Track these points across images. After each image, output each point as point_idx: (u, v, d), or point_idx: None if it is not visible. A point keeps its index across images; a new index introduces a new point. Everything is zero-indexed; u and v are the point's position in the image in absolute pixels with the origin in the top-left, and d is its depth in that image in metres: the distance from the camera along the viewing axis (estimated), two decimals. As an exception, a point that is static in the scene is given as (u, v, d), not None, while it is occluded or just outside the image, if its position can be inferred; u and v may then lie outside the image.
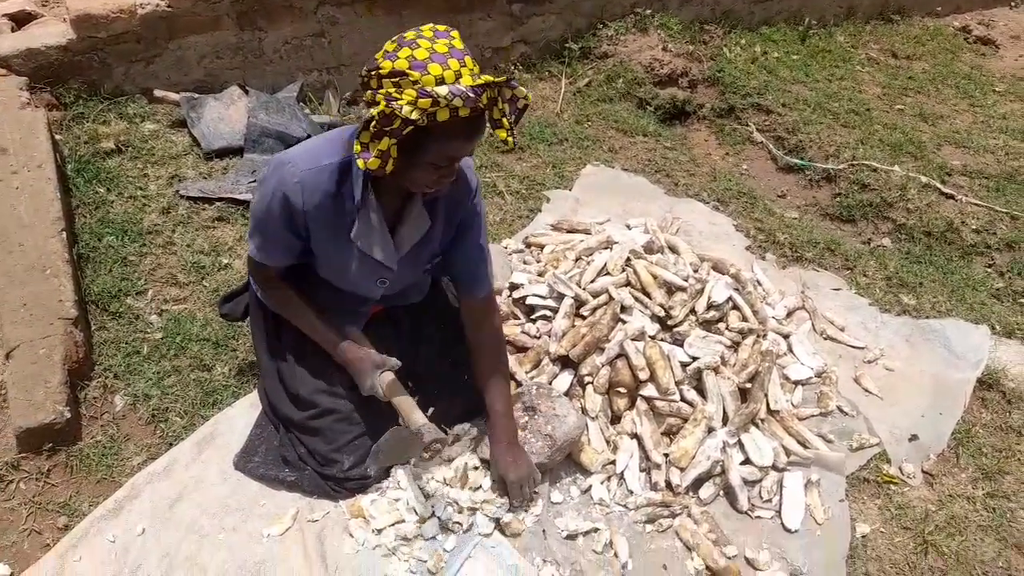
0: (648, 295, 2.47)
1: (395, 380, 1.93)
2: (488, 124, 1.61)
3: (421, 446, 1.86)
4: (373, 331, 2.07)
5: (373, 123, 1.55)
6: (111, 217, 2.78)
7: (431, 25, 1.58)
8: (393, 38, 1.59)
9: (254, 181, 3.05)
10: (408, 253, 1.91)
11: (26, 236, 2.40)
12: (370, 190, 1.77)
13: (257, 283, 2.03)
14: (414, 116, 1.50)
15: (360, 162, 1.60)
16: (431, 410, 2.03)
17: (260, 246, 1.88)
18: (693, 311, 2.47)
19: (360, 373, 1.93)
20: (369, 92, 1.58)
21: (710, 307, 2.48)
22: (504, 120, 1.59)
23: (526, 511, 2.01)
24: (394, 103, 1.50)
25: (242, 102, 3.37)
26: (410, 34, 1.56)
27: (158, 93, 3.36)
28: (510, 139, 1.60)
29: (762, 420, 2.29)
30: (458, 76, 1.53)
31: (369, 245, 1.83)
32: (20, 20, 3.47)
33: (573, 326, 2.39)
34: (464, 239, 1.97)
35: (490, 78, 1.54)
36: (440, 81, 1.51)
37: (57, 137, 2.99)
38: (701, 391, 2.30)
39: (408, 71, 1.51)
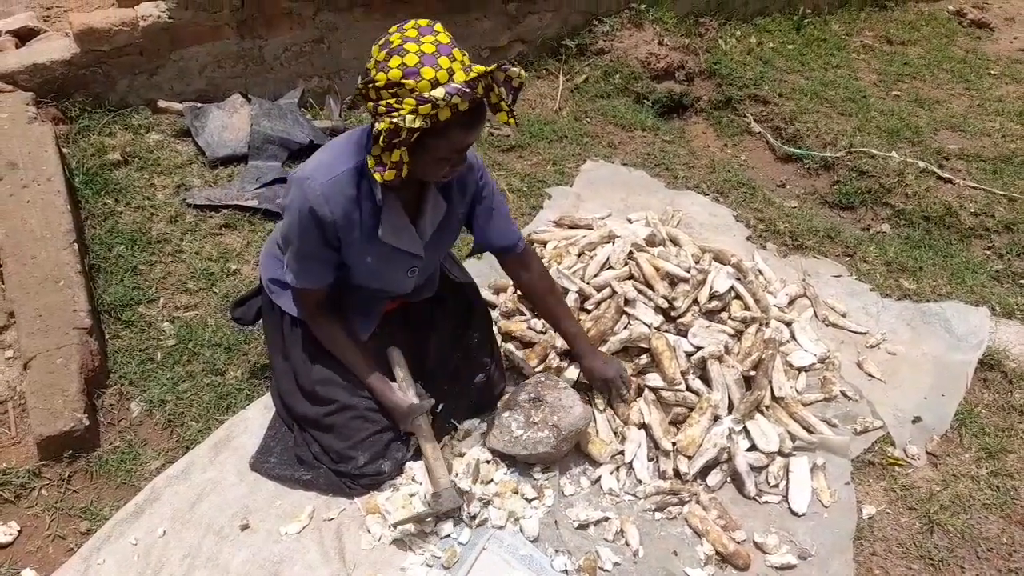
0: (651, 287, 2.51)
1: (426, 426, 2.03)
2: (488, 109, 1.66)
3: (436, 510, 1.95)
4: (385, 328, 2.11)
5: (382, 138, 1.59)
6: (120, 227, 2.83)
7: (414, 22, 1.62)
8: (379, 41, 1.62)
9: (259, 188, 3.09)
10: (432, 238, 1.97)
11: (39, 249, 2.45)
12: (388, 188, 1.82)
13: (305, 315, 2.04)
14: (418, 124, 1.55)
15: (377, 176, 1.66)
16: (441, 406, 2.07)
17: (299, 271, 1.92)
18: (696, 302, 2.50)
19: (398, 419, 2.05)
20: (370, 104, 1.63)
21: (713, 297, 2.51)
22: (502, 104, 1.64)
23: (628, 401, 2.25)
24: (396, 116, 1.55)
25: (244, 110, 3.41)
26: (395, 37, 1.60)
27: (162, 104, 3.40)
28: (511, 120, 1.66)
29: (767, 407, 2.32)
30: (451, 74, 1.57)
31: (397, 239, 1.88)
32: (23, 36, 3.52)
33: (578, 320, 2.43)
34: (484, 213, 2.04)
35: (481, 68, 1.58)
36: (435, 84, 1.56)
37: (64, 150, 3.04)
38: (706, 380, 2.33)
39: (403, 80, 1.56)
